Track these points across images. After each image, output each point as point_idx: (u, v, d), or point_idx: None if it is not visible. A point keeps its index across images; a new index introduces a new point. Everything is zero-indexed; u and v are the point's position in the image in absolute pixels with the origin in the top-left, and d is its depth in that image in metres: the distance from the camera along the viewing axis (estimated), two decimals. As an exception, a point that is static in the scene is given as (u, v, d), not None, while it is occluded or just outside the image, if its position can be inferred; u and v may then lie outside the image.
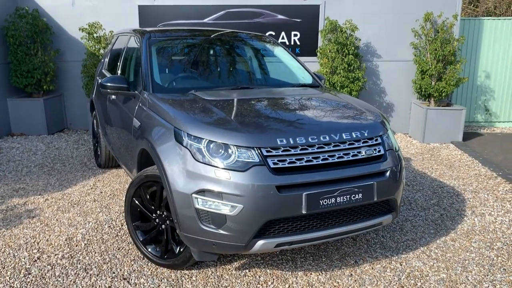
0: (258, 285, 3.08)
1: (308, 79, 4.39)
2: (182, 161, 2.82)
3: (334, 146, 2.91)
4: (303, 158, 2.81)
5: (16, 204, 4.50)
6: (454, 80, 7.02)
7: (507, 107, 8.57)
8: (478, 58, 8.33)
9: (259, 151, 2.75)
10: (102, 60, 5.61)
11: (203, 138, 2.81)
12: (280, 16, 7.49)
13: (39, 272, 3.21)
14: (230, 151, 2.76)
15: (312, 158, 2.83)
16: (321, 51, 7.32)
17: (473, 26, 8.20)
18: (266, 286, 3.07)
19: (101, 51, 7.31)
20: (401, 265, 3.38)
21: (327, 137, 2.91)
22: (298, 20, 7.50)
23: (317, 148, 2.86)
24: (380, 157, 3.08)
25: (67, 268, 3.27)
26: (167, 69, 4.17)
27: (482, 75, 8.42)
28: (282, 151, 2.78)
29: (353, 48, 7.14)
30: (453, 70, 7.05)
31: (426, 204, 4.60)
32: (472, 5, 13.81)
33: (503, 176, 5.47)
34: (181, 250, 3.11)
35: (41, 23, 7.28)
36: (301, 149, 2.82)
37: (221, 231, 2.74)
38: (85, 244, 3.63)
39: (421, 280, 3.17)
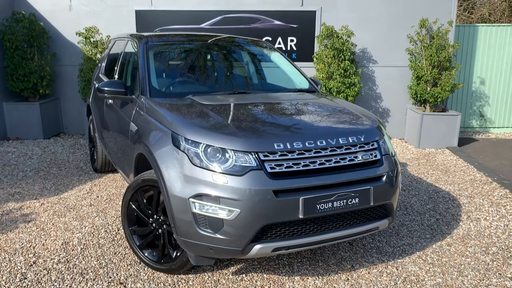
0: (255, 290, 3.08)
1: (305, 84, 4.41)
2: (180, 166, 2.83)
3: (330, 151, 2.92)
4: (300, 163, 2.82)
5: (11, 208, 4.48)
6: (449, 86, 7.07)
7: (501, 112, 8.64)
8: (473, 64, 8.40)
9: (256, 155, 2.76)
10: (99, 65, 5.62)
11: (201, 143, 2.82)
12: (276, 22, 7.53)
13: (35, 276, 3.19)
14: (227, 155, 2.77)
15: (309, 162, 2.84)
16: (317, 56, 7.35)
17: (468, 33, 8.28)
18: (263, 291, 3.08)
19: (98, 55, 7.32)
20: (397, 269, 3.39)
21: (324, 142, 2.92)
22: (295, 26, 7.54)
23: (314, 153, 2.87)
24: (376, 162, 3.10)
25: (63, 272, 3.25)
26: (164, 74, 4.17)
27: (477, 81, 8.48)
28: (279, 155, 2.79)
29: (349, 53, 7.18)
30: (448, 76, 7.11)
31: (422, 209, 4.62)
32: (467, 11, 13.94)
33: (498, 181, 5.50)
34: (178, 254, 3.11)
35: (37, 27, 7.28)
36: (298, 154, 2.83)
37: (218, 236, 2.75)
38: (81, 249, 3.61)
39: (417, 285, 3.18)
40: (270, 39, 7.55)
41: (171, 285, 3.11)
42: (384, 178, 3.07)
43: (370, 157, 3.06)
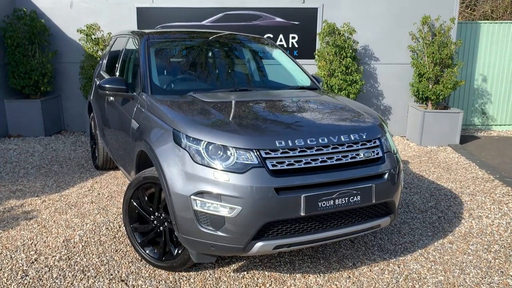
0: (256, 287, 3.08)
1: (306, 82, 4.40)
2: (181, 163, 2.82)
3: (332, 148, 2.91)
4: (301, 160, 2.81)
5: (13, 205, 4.48)
6: (451, 83, 7.05)
7: (503, 110, 8.61)
8: (475, 62, 8.37)
9: (258, 153, 2.75)
10: (100, 62, 5.61)
11: (202, 140, 2.81)
12: (278, 19, 7.51)
13: (37, 274, 3.19)
14: (229, 153, 2.76)
15: (311, 160, 2.83)
16: (319, 53, 7.33)
17: (470, 30, 8.24)
18: (264, 288, 3.07)
19: (99, 52, 7.31)
20: (399, 267, 3.38)
21: (326, 139, 2.91)
22: (296, 23, 7.52)
23: (316, 150, 2.86)
24: (378, 160, 3.09)
25: (64, 270, 3.25)
26: (165, 71, 4.17)
27: (479, 79, 8.45)
28: (281, 153, 2.78)
29: (351, 51, 7.16)
30: (450, 73, 7.08)
31: (424, 206, 4.61)
32: (469, 8, 13.88)
33: (500, 179, 5.49)
34: (179, 252, 3.10)
35: (39, 25, 7.27)
36: (299, 151, 2.82)
37: (220, 233, 2.74)
38: (82, 246, 3.61)
39: (419, 283, 3.17)
40: (271, 36, 7.53)
41: (172, 283, 3.11)
42: (386, 176, 3.06)
43: (372, 154, 3.04)
